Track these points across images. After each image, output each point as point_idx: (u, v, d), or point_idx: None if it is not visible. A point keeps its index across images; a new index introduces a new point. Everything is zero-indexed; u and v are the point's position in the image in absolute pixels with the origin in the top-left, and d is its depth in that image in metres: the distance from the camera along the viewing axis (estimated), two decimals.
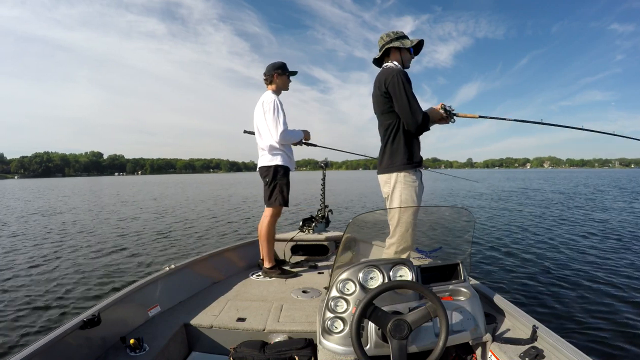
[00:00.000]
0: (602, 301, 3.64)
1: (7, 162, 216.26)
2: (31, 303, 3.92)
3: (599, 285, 4.07)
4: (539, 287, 4.09)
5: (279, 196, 2.78)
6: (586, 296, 3.78)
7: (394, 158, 2.01)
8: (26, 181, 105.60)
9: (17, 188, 41.95)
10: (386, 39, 2.13)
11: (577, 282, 4.23)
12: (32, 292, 4.28)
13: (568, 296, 3.79)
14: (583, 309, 3.47)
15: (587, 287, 4.06)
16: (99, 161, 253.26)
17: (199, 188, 21.92)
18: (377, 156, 2.21)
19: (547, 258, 5.33)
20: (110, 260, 5.75)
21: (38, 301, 3.97)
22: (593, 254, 5.50)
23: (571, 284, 4.18)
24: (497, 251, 5.81)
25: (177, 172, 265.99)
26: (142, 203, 16.24)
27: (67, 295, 4.14)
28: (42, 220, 10.98)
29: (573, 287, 4.08)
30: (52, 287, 4.42)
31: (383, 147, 2.10)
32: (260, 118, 2.80)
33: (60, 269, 5.30)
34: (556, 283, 4.21)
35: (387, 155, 2.04)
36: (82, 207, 14.89)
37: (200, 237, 7.76)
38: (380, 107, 2.07)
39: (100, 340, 1.64)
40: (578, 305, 3.56)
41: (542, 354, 1.37)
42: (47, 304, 3.89)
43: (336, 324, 1.41)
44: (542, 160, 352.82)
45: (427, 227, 1.97)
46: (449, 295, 1.54)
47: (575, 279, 4.32)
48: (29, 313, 3.65)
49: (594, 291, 3.91)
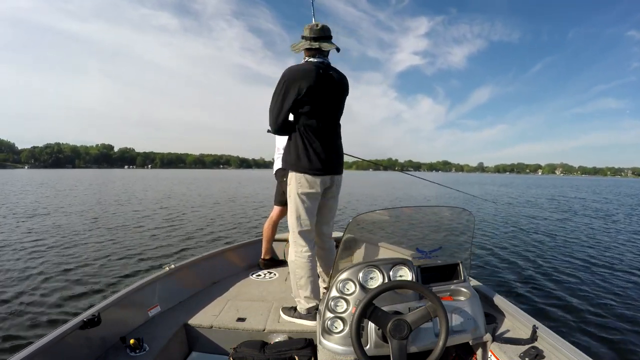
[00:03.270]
0: (602, 301, 3.64)
1: (18, 152, 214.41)
2: (31, 303, 3.92)
3: (599, 286, 4.07)
4: (539, 287, 4.09)
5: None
6: (586, 296, 3.78)
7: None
8: (36, 171, 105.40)
9: (26, 178, 41.73)
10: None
11: (577, 282, 4.23)
12: (33, 292, 4.28)
13: (568, 296, 3.79)
14: (583, 309, 3.47)
15: (587, 287, 4.06)
16: (110, 154, 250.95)
17: (208, 189, 21.48)
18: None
19: (547, 258, 5.33)
20: (110, 260, 5.75)
21: (38, 301, 3.97)
22: (593, 254, 5.50)
23: (571, 284, 4.18)
24: (497, 251, 5.81)
25: (187, 167, 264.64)
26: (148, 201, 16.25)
27: (67, 295, 4.14)
28: (43, 216, 10.99)
29: (573, 287, 4.08)
30: (52, 287, 4.42)
31: (339, 146, 2.11)
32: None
33: (60, 269, 5.30)
34: (556, 283, 4.21)
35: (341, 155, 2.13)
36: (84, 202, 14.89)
37: (200, 237, 7.76)
38: (341, 110, 2.06)
39: (100, 340, 1.64)
40: (578, 305, 3.56)
41: (542, 354, 1.37)
42: (47, 303, 3.89)
43: (336, 324, 1.41)
44: (554, 167, 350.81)
45: (427, 227, 1.97)
46: (449, 295, 1.53)
47: (575, 279, 4.33)
48: (29, 313, 3.65)
49: (594, 291, 3.92)
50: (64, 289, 4.36)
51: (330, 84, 1.91)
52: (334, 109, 1.98)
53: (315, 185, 1.94)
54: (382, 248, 2.86)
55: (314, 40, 1.90)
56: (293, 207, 1.99)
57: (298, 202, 1.97)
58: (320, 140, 1.92)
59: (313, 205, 2.00)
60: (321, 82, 1.86)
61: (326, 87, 1.89)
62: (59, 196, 17.87)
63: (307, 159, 1.90)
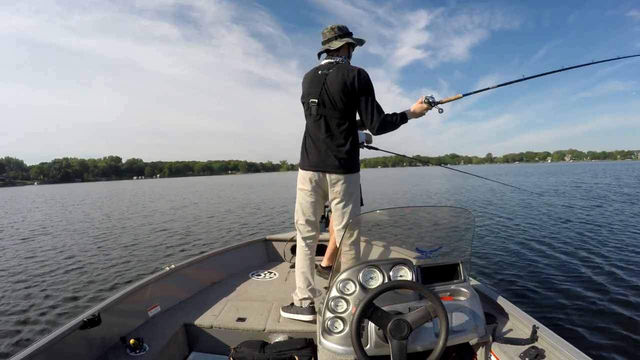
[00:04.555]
0: (602, 301, 3.64)
1: (26, 169, 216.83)
2: (31, 303, 3.92)
3: (599, 286, 4.07)
4: (539, 287, 4.09)
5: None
6: (586, 296, 3.78)
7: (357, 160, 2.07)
8: (46, 187, 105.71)
9: (34, 195, 41.74)
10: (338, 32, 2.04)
11: (578, 282, 4.23)
12: (32, 291, 4.28)
13: (568, 296, 3.79)
14: (583, 309, 3.47)
15: (588, 287, 4.05)
16: (118, 165, 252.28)
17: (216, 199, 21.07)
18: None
19: (547, 258, 5.33)
20: (110, 260, 5.75)
21: (38, 301, 3.97)
22: (594, 253, 5.50)
23: (571, 284, 4.18)
24: (497, 251, 5.80)
25: (196, 175, 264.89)
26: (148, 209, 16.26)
27: (67, 296, 4.14)
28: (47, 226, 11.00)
29: (573, 287, 4.07)
30: (52, 287, 4.42)
31: (334, 144, 2.01)
32: None
33: (60, 268, 5.30)
34: (556, 283, 4.21)
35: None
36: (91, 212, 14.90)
37: (201, 237, 7.76)
38: (343, 103, 1.94)
39: (100, 340, 1.65)
40: (578, 305, 3.56)
41: (542, 354, 1.37)
42: (47, 303, 3.89)
43: (336, 324, 1.41)
44: (563, 153, 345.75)
45: (427, 227, 1.97)
46: (449, 295, 1.53)
47: (575, 279, 4.32)
48: (29, 313, 3.65)
49: (594, 291, 3.91)
50: (65, 289, 4.36)
51: (323, 83, 1.95)
52: (329, 107, 1.95)
53: (306, 182, 2.01)
54: (382, 248, 2.86)
55: (323, 43, 2.05)
56: (296, 201, 2.13)
57: (297, 196, 2.11)
58: (312, 138, 2.00)
59: (307, 200, 2.06)
60: (313, 83, 1.97)
61: (318, 87, 1.95)
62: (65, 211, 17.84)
63: (301, 156, 2.04)
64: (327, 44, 2.03)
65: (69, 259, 5.92)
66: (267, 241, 3.30)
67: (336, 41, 2.01)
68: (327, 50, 2.04)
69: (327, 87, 1.93)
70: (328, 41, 2.03)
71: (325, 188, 2.02)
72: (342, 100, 1.92)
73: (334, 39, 2.01)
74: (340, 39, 2.01)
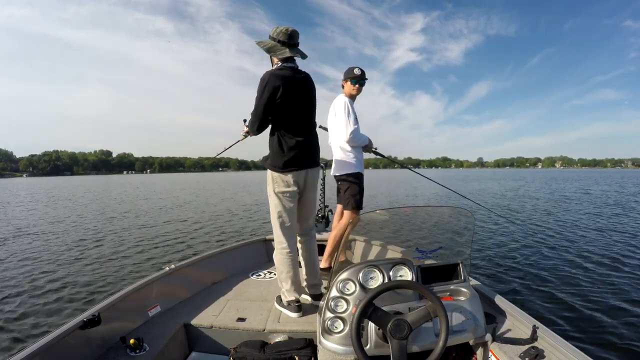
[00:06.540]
0: (602, 301, 3.64)
1: (16, 160, 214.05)
2: (31, 303, 3.92)
3: (599, 285, 4.07)
4: (539, 287, 4.09)
5: (351, 199, 2.73)
6: (586, 296, 3.78)
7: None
8: (35, 179, 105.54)
9: (25, 187, 41.55)
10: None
11: (578, 282, 4.23)
12: (33, 291, 4.28)
13: (568, 296, 3.79)
14: (583, 309, 3.47)
15: (588, 287, 4.06)
16: (108, 159, 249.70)
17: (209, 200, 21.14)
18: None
19: (547, 258, 5.33)
20: (110, 261, 5.75)
21: (38, 301, 3.97)
22: (593, 253, 5.50)
23: (571, 284, 4.18)
24: (497, 251, 5.81)
25: (186, 171, 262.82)
26: (142, 202, 16.24)
27: (67, 296, 4.14)
28: (42, 220, 10.99)
29: (573, 287, 4.08)
30: (52, 287, 4.42)
31: (314, 142, 2.20)
32: (331, 120, 2.83)
33: (60, 269, 5.30)
34: (556, 283, 4.21)
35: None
36: (84, 207, 14.89)
37: (201, 237, 7.76)
38: (315, 108, 2.20)
39: (100, 340, 1.64)
40: (578, 305, 3.56)
41: (542, 354, 1.37)
42: (47, 303, 3.89)
43: (336, 324, 1.41)
44: (553, 160, 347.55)
45: (427, 227, 1.97)
46: (449, 295, 1.54)
47: (575, 279, 4.32)
48: (29, 313, 3.65)
49: (594, 291, 3.92)
50: (64, 289, 4.36)
51: (302, 86, 2.04)
52: (308, 108, 2.10)
53: (290, 184, 2.04)
54: (382, 248, 2.86)
55: (286, 45, 2.00)
56: (273, 205, 2.10)
57: (277, 200, 2.07)
58: (295, 138, 2.03)
59: (291, 203, 2.08)
60: (296, 85, 1.99)
61: (300, 90, 2.02)
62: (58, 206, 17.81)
63: (281, 158, 2.02)
64: (286, 47, 2.03)
65: (69, 259, 5.92)
66: (267, 241, 3.30)
67: (295, 50, 2.07)
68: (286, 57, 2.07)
69: (308, 91, 2.11)
70: (290, 45, 2.05)
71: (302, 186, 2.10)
72: (315, 102, 2.19)
73: (294, 47, 2.07)
74: (296, 51, 2.07)
